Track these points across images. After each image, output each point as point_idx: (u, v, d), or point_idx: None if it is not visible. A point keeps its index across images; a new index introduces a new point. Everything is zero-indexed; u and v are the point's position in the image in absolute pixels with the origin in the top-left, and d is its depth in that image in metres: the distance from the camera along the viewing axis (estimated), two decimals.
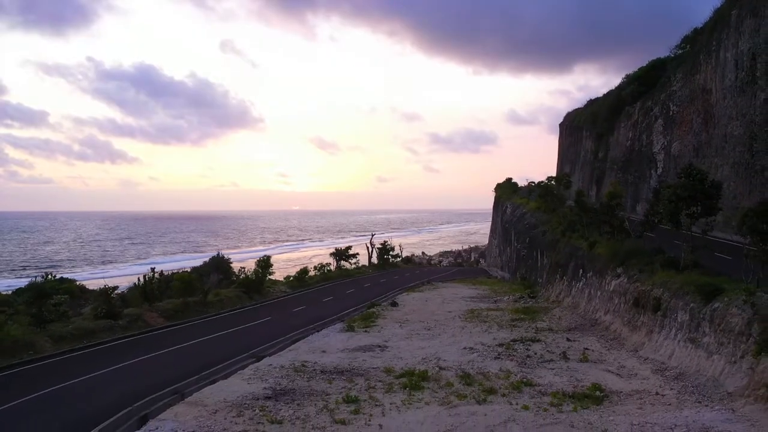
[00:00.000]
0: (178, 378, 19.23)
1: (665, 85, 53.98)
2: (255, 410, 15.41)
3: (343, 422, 14.36)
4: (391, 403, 15.90)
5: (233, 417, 14.91)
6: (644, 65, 63.53)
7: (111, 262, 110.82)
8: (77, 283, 37.93)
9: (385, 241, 76.31)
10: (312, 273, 53.63)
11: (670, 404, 15.73)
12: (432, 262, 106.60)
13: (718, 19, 43.60)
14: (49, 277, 27.55)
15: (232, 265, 45.85)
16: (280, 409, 15.48)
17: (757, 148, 36.84)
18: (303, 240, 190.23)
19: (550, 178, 58.84)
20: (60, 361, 22.80)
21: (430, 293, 45.02)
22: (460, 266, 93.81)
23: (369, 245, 73.32)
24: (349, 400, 16.09)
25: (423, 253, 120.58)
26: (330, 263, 59.66)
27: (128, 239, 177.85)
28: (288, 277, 50.74)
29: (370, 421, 14.51)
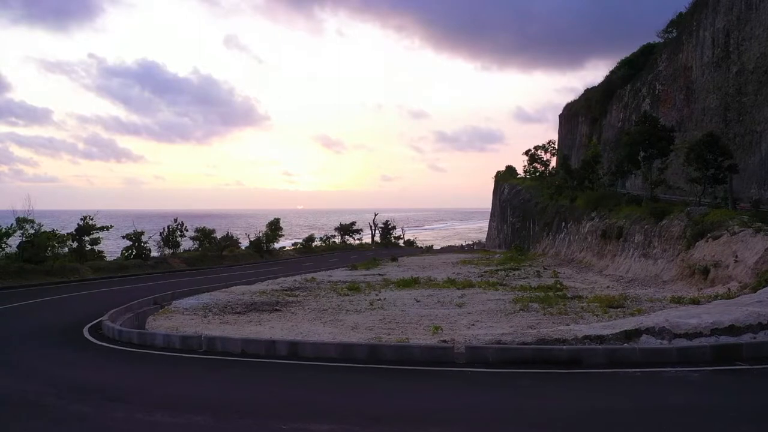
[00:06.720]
0: (208, 283, 22.84)
1: (652, 66, 57.06)
2: (275, 293, 18.93)
3: (346, 295, 17.84)
4: (386, 290, 19.36)
5: (257, 296, 18.45)
6: (635, 50, 66.57)
7: None
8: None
9: (387, 221, 78.70)
10: (317, 243, 57.03)
11: (615, 290, 19.06)
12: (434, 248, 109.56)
13: (699, 1, 46.91)
14: (88, 220, 31.00)
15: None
16: (296, 292, 19.02)
17: (730, 117, 40.00)
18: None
19: (537, 147, 62.13)
20: (104, 281, 26.38)
21: (428, 256, 48.48)
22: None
23: (372, 224, 75.72)
24: (352, 288, 19.58)
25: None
26: (334, 235, 62.88)
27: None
28: (296, 243, 54.25)
29: (368, 296, 17.94)
